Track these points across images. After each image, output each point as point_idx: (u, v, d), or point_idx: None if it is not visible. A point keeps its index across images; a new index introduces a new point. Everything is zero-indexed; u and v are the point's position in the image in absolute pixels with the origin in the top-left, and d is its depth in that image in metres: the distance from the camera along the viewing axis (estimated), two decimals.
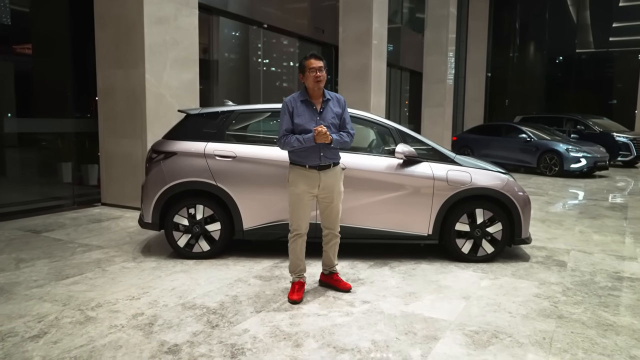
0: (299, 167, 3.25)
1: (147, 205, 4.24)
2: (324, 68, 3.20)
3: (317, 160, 3.22)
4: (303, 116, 3.20)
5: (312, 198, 3.29)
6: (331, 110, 3.27)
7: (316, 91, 3.23)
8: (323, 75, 3.20)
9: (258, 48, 10.23)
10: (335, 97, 3.33)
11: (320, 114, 3.24)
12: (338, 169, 3.34)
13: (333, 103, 3.29)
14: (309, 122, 3.20)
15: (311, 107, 3.23)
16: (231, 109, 4.39)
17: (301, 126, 3.19)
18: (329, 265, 3.53)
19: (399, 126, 4.43)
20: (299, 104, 3.22)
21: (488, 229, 4.25)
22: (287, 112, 3.22)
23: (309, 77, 3.19)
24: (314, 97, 3.25)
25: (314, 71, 3.18)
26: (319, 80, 3.18)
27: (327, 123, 3.21)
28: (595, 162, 11.28)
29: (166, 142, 4.35)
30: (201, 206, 4.20)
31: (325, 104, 3.26)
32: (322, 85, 3.22)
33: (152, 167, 4.28)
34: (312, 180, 3.24)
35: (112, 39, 6.49)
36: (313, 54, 3.24)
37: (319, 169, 3.24)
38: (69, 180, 6.98)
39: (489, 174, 4.31)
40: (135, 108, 6.45)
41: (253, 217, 4.20)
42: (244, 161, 4.17)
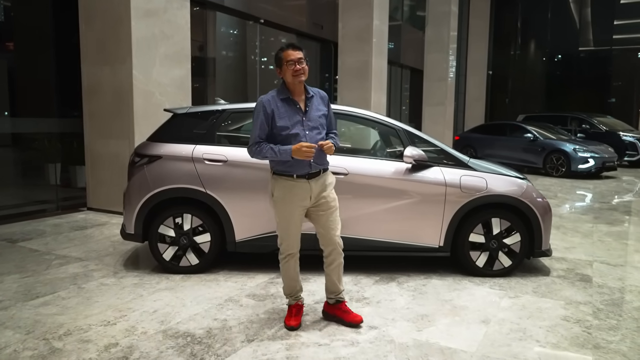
0: (284, 178, 2.76)
1: (129, 214, 3.84)
2: (304, 59, 2.73)
3: (306, 167, 2.74)
4: (286, 118, 2.73)
5: (301, 212, 2.82)
6: (316, 109, 2.82)
7: (297, 87, 2.76)
8: (304, 68, 2.72)
9: (255, 44, 9.82)
10: (318, 94, 2.87)
11: (306, 113, 2.77)
12: (329, 174, 2.91)
13: (317, 100, 2.84)
14: (295, 125, 2.74)
15: (294, 105, 2.76)
16: (222, 108, 3.99)
17: (286, 130, 2.72)
18: (334, 292, 2.95)
19: (407, 127, 4.03)
20: (279, 103, 2.74)
21: (505, 240, 3.86)
22: (263, 115, 2.72)
23: (287, 71, 2.72)
24: (295, 94, 2.77)
25: (292, 64, 2.69)
26: (299, 73, 2.70)
27: (314, 124, 2.77)
28: (603, 162, 10.91)
29: (150, 145, 3.94)
30: (189, 215, 3.80)
31: (309, 102, 2.80)
32: (303, 79, 2.74)
33: (135, 172, 3.88)
34: (302, 192, 2.76)
35: (98, 33, 6.08)
36: (290, 44, 2.76)
37: (309, 178, 2.77)
38: (52, 183, 6.57)
39: (505, 180, 3.92)
40: (122, 107, 6.04)
41: (246, 228, 3.80)
42: (236, 166, 3.77)
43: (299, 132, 2.74)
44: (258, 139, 2.73)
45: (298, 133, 2.73)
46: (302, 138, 2.73)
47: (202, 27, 8.78)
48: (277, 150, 2.68)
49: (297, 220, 2.81)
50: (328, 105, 2.90)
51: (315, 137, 2.76)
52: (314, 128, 2.77)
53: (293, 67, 2.70)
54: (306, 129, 2.75)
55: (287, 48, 2.74)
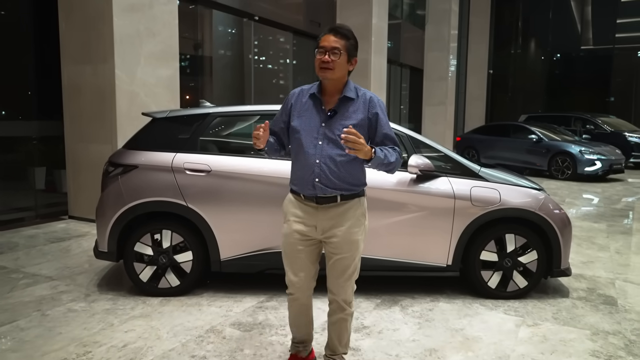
0: (293, 196, 2.24)
1: (102, 230, 3.44)
2: (341, 50, 2.08)
3: (310, 187, 2.13)
4: (304, 117, 2.15)
5: (309, 244, 2.20)
6: (347, 117, 2.12)
7: (328, 84, 2.15)
8: (337, 62, 2.07)
9: (251, 43, 9.42)
10: (364, 98, 2.16)
11: (329, 118, 2.13)
12: (353, 204, 2.17)
13: (356, 106, 2.14)
14: (309, 131, 2.12)
15: (318, 106, 2.15)
16: (206, 112, 3.60)
17: (297, 133, 2.14)
18: (332, 351, 2.36)
19: (411, 132, 3.65)
20: (305, 99, 2.19)
21: (520, 259, 3.48)
22: (283, 107, 2.25)
23: (316, 61, 2.12)
24: (326, 92, 2.17)
25: (321, 52, 2.09)
26: (325, 67, 2.08)
27: (331, 134, 2.10)
28: (610, 164, 10.54)
29: (126, 153, 3.55)
30: (168, 232, 3.41)
31: (342, 105, 2.14)
32: (334, 76, 2.10)
33: (108, 183, 3.48)
34: (307, 217, 2.17)
35: (78, 30, 5.68)
36: (332, 28, 2.13)
37: (317, 202, 2.15)
38: (31, 190, 6.17)
39: (521, 191, 3.54)
40: (104, 108, 5.64)
41: (232, 246, 3.41)
42: (221, 176, 3.38)
43: (309, 141, 2.10)
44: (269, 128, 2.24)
45: (305, 142, 2.11)
46: (309, 150, 2.10)
47: (194, 24, 8.38)
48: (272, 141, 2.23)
49: (298, 251, 2.19)
50: (377, 113, 2.15)
51: (329, 153, 2.09)
52: (333, 142, 2.09)
53: (320, 58, 2.09)
54: (320, 138, 2.10)
55: (326, 32, 2.14)
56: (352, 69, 2.17)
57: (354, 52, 2.15)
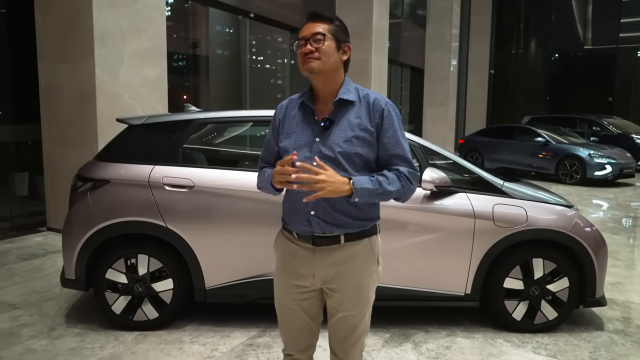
0: (284, 234, 1.74)
1: (69, 255, 2.99)
2: (325, 34, 1.60)
3: (304, 223, 1.64)
4: (294, 135, 1.66)
5: (306, 297, 1.70)
6: (347, 126, 1.62)
7: (319, 84, 1.64)
8: (322, 49, 1.59)
9: (248, 41, 8.97)
10: (367, 100, 1.65)
11: (324, 130, 1.62)
12: (362, 247, 1.67)
13: (358, 111, 1.63)
14: (301, 148, 1.62)
15: (310, 117, 1.67)
16: (190, 118, 3.14)
17: (288, 153, 1.63)
18: None
19: (424, 141, 3.20)
20: (293, 111, 1.70)
21: (549, 287, 3.04)
22: (272, 127, 1.77)
23: (298, 57, 1.64)
24: (319, 97, 1.68)
25: (301, 44, 1.62)
26: (308, 59, 1.59)
27: (332, 153, 1.59)
28: (621, 169, 10.12)
29: (96, 165, 3.10)
30: (145, 257, 2.96)
31: (338, 112, 1.64)
32: (323, 67, 1.60)
33: (76, 200, 3.03)
34: (302, 262, 1.67)
35: (56, 26, 5.22)
36: (310, 14, 1.65)
37: (314, 243, 1.65)
38: (6, 200, 5.70)
39: (549, 209, 3.09)
40: (84, 111, 5.18)
41: (219, 272, 2.96)
42: (206, 192, 2.93)
43: (301, 160, 1.59)
44: (260, 162, 1.81)
45: (300, 160, 1.59)
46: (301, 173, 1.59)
47: (188, 22, 7.94)
48: (267, 175, 1.69)
49: (290, 310, 1.72)
50: (385, 118, 1.63)
51: None
52: (332, 161, 1.59)
53: (301, 51, 1.61)
54: (316, 156, 1.59)
55: (304, 21, 1.66)
56: (346, 57, 1.66)
57: (344, 36, 1.65)
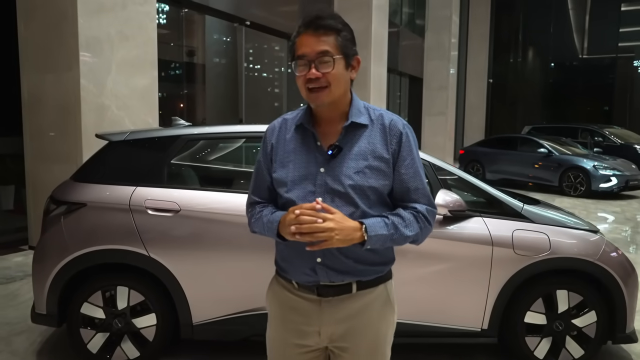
0: (280, 283, 1.46)
1: (39, 286, 2.69)
2: (333, 54, 1.32)
3: (307, 272, 1.37)
4: (292, 164, 1.39)
5: (308, 357, 1.43)
6: (359, 154, 1.36)
7: (324, 111, 1.39)
8: (332, 75, 1.32)
9: (244, 49, 8.71)
10: (381, 122, 1.39)
11: (331, 159, 1.36)
12: (377, 295, 1.45)
13: (370, 135, 1.38)
14: (302, 181, 1.36)
15: (311, 142, 1.39)
16: (176, 133, 2.85)
17: (283, 187, 1.39)
18: None
19: (434, 159, 2.91)
20: (289, 134, 1.42)
21: (575, 321, 2.74)
22: (262, 153, 1.47)
23: (297, 80, 1.37)
24: (321, 119, 1.41)
25: (303, 65, 1.33)
26: (317, 88, 1.32)
27: (341, 186, 1.34)
28: (626, 181, 9.87)
29: (72, 186, 2.79)
30: (125, 289, 2.65)
31: (347, 137, 1.38)
32: (332, 97, 1.34)
33: (49, 225, 2.73)
34: (303, 317, 1.40)
35: (39, 33, 4.93)
36: (310, 22, 1.34)
37: (319, 294, 1.38)
38: None
39: (574, 235, 2.81)
40: (68, 123, 4.89)
41: (207, 306, 2.65)
42: (193, 217, 2.63)
43: (302, 199, 1.34)
44: (250, 197, 1.50)
45: (301, 196, 1.36)
46: None
47: (182, 30, 7.68)
48: (266, 220, 1.40)
49: None
50: (402, 145, 1.37)
51: None
52: (341, 196, 1.34)
53: (303, 75, 1.33)
54: (320, 193, 1.34)
55: (302, 30, 1.35)
56: (355, 75, 1.40)
57: (353, 49, 1.37)
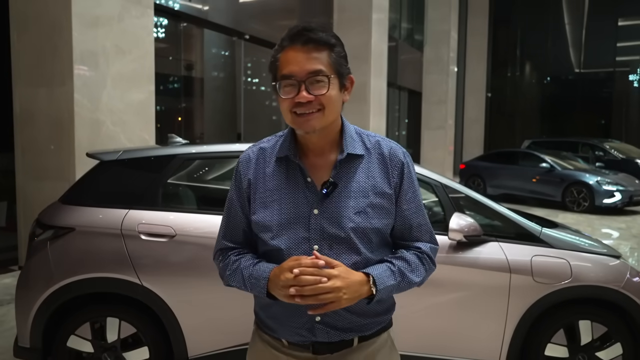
0: (263, 338, 1.27)
1: (23, 318, 2.48)
2: (327, 73, 1.14)
3: (303, 332, 1.19)
4: (277, 204, 1.20)
5: None
6: (358, 190, 1.18)
7: (312, 139, 1.20)
8: (326, 99, 1.14)
9: (243, 63, 8.61)
10: (379, 151, 1.23)
11: (325, 197, 1.17)
12: (381, 344, 1.25)
13: (368, 167, 1.21)
14: (291, 225, 1.18)
15: (298, 178, 1.20)
16: (172, 153, 2.68)
17: (267, 232, 1.20)
18: None
19: (444, 179, 2.75)
20: (269, 168, 1.23)
21: (599, 354, 2.56)
22: (234, 192, 1.27)
23: (282, 103, 1.17)
24: (308, 149, 1.22)
25: (289, 86, 1.15)
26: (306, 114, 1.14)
27: (341, 231, 1.16)
28: (630, 196, 9.74)
29: (60, 210, 2.61)
30: (116, 320, 2.45)
31: (342, 170, 1.20)
32: (324, 123, 1.16)
33: (35, 251, 2.54)
34: None
35: (32, 45, 4.79)
36: (298, 32, 1.15)
37: (315, 351, 1.20)
38: None
39: (596, 261, 2.64)
40: (61, 139, 4.72)
41: (204, 338, 2.46)
42: (189, 243, 2.45)
43: (293, 248, 1.17)
44: (221, 242, 1.29)
45: (287, 250, 1.17)
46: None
47: (181, 44, 7.57)
48: (248, 274, 1.18)
49: None
50: (404, 177, 1.21)
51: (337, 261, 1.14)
52: (341, 242, 1.16)
53: (290, 99, 1.14)
54: (315, 240, 1.17)
55: (289, 42, 1.16)
56: (348, 98, 1.20)
57: (346, 67, 1.18)
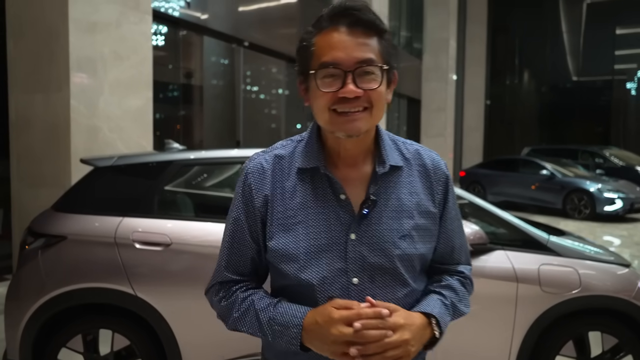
0: None
1: (12, 330, 2.39)
2: (379, 64, 0.93)
3: None
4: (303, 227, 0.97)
5: None
6: (400, 209, 0.98)
7: (347, 145, 0.98)
8: (376, 95, 0.93)
9: (242, 71, 8.56)
10: (420, 161, 1.05)
11: (362, 218, 0.96)
12: None
13: (411, 183, 1.02)
14: (321, 254, 0.96)
15: (329, 195, 0.97)
16: (169, 159, 2.61)
17: (291, 262, 0.97)
18: None
19: (471, 196, 2.67)
20: (290, 181, 0.99)
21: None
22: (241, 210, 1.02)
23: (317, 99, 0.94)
24: (339, 159, 1.00)
25: (333, 78, 0.91)
26: (354, 113, 0.92)
27: (380, 258, 0.95)
28: (631, 203, 9.68)
29: (52, 217, 2.53)
30: (108, 332, 2.37)
31: (381, 184, 0.99)
32: (368, 125, 0.95)
33: (25, 261, 2.46)
34: None
35: (28, 51, 4.73)
36: (345, 9, 0.91)
37: None
38: None
39: (606, 270, 2.56)
40: (58, 146, 4.64)
41: (201, 351, 2.38)
42: (185, 252, 2.37)
43: (327, 282, 0.97)
44: (223, 274, 1.05)
45: (319, 286, 0.97)
46: (338, 296, 0.97)
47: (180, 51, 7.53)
48: (267, 318, 0.98)
49: None
50: (448, 193, 1.07)
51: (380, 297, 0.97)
52: (382, 271, 0.98)
53: (333, 93, 0.92)
54: (355, 268, 0.97)
55: (328, 24, 0.93)
56: (390, 98, 0.99)
57: (395, 59, 0.98)
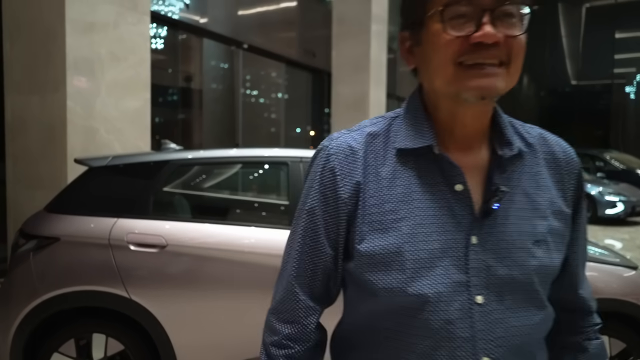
0: None
1: (3, 334, 2.33)
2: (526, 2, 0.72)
3: None
4: (407, 224, 0.70)
5: None
6: (533, 207, 0.74)
7: (466, 118, 0.75)
8: (517, 43, 0.74)
9: (241, 74, 8.53)
10: (546, 147, 0.81)
11: (485, 216, 0.71)
12: None
13: (537, 173, 0.77)
14: (435, 261, 0.69)
15: (440, 184, 0.72)
16: (165, 158, 2.55)
17: (399, 274, 0.69)
18: None
19: None
20: (387, 166, 0.73)
21: None
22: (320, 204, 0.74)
23: (443, 49, 0.68)
24: (452, 140, 0.75)
25: (464, 19, 0.67)
26: (482, 61, 0.68)
27: (514, 269, 0.70)
28: (633, 206, 9.63)
29: (44, 218, 2.47)
30: (102, 336, 2.30)
31: (510, 172, 0.75)
32: (505, 86, 0.74)
33: (16, 263, 2.39)
34: None
35: (25, 52, 4.68)
36: None
37: None
38: None
39: (611, 273, 2.50)
40: (55, 147, 4.59)
41: (197, 356, 2.31)
42: (182, 254, 2.31)
43: (445, 293, 0.69)
44: (292, 288, 0.77)
45: (441, 293, 0.68)
46: (452, 326, 0.69)
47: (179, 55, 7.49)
48: None
49: None
50: (581, 191, 0.81)
51: (512, 324, 0.72)
52: (513, 288, 0.71)
53: (461, 40, 0.68)
54: (480, 283, 0.70)
55: None
56: None
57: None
